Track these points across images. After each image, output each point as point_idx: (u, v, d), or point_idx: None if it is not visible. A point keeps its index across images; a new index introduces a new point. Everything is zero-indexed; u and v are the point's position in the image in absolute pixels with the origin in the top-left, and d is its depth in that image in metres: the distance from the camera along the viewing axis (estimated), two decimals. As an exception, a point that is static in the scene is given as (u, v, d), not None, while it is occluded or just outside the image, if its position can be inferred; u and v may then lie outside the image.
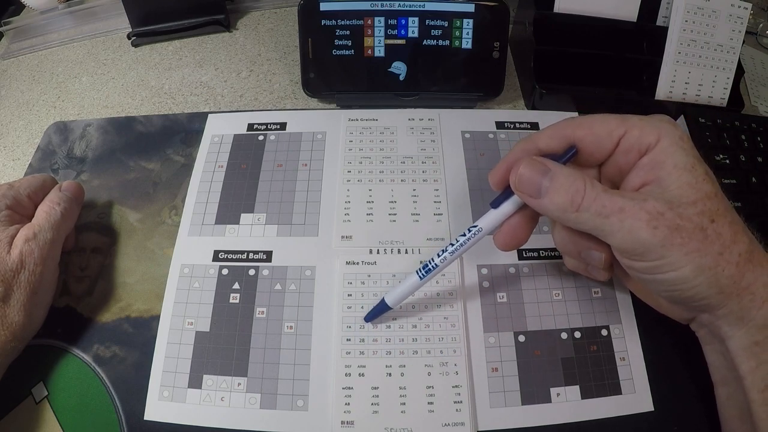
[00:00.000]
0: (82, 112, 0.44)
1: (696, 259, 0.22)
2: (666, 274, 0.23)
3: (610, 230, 0.23)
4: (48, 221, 0.30)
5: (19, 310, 0.28)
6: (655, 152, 0.23)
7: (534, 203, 0.25)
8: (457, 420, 0.28)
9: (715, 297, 0.23)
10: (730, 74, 0.40)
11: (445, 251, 0.27)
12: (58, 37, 0.50)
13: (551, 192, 0.23)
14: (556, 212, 0.24)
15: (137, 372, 0.30)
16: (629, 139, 0.24)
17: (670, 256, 0.22)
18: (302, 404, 0.29)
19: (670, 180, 0.23)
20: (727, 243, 0.22)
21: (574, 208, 0.23)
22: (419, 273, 0.28)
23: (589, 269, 0.28)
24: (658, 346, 0.30)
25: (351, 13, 0.39)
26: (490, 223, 0.27)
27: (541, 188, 0.24)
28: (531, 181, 0.24)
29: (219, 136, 0.39)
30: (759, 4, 0.52)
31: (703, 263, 0.22)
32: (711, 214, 0.22)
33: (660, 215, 0.22)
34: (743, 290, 0.23)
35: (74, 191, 0.34)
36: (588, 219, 0.23)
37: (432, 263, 0.28)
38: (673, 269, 0.22)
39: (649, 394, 0.29)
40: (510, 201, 0.26)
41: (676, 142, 0.23)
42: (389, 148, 0.38)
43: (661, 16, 0.40)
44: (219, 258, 0.33)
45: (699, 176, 0.23)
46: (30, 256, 0.29)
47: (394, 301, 0.29)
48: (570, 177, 0.23)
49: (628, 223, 0.22)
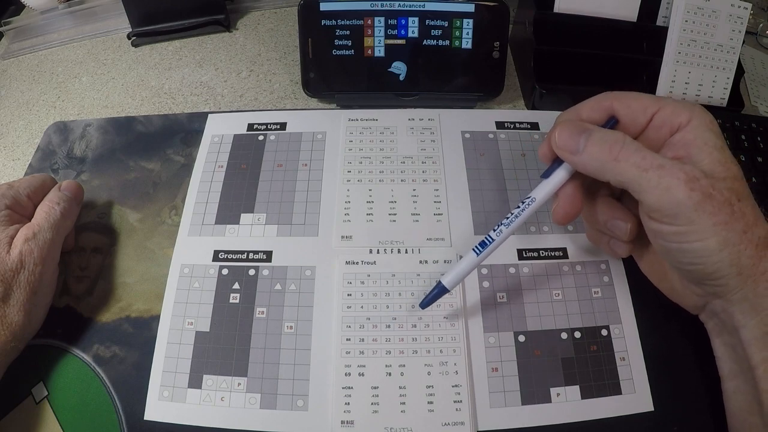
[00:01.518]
0: (82, 112, 0.44)
1: (722, 232, 0.22)
2: (692, 244, 0.23)
3: (647, 186, 0.23)
4: (47, 221, 0.30)
5: (19, 310, 0.28)
6: (687, 131, 0.24)
7: (575, 159, 0.25)
8: (456, 420, 0.28)
9: (734, 278, 0.23)
10: (730, 74, 0.40)
11: (500, 225, 0.27)
12: (58, 37, 0.50)
13: (590, 145, 0.24)
14: (596, 164, 0.24)
15: (137, 372, 0.30)
16: (662, 116, 0.25)
17: (699, 223, 0.22)
18: (302, 404, 0.29)
19: (702, 156, 0.23)
20: (750, 224, 0.23)
21: (612, 157, 0.23)
22: (476, 250, 0.27)
23: (611, 243, 0.29)
24: (658, 346, 0.30)
25: (351, 13, 0.39)
26: (543, 192, 0.27)
27: (580, 143, 0.25)
28: (570, 138, 0.25)
29: (219, 136, 0.39)
30: (759, 4, 0.52)
31: (728, 238, 0.22)
32: (737, 194, 0.23)
33: (696, 180, 0.22)
34: (760, 276, 0.23)
35: (73, 191, 0.34)
36: (627, 170, 0.23)
37: (489, 238, 0.27)
38: (699, 239, 0.23)
39: (649, 394, 0.29)
40: (560, 169, 0.27)
41: (707, 124, 0.24)
42: (389, 148, 0.38)
43: (661, 16, 0.40)
44: (219, 258, 0.33)
45: (728, 157, 0.24)
46: (29, 256, 0.29)
47: (451, 282, 0.28)
48: (608, 132, 0.25)
49: (666, 180, 0.22)
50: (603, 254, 0.33)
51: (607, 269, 0.33)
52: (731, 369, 0.26)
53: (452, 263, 0.28)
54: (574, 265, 0.33)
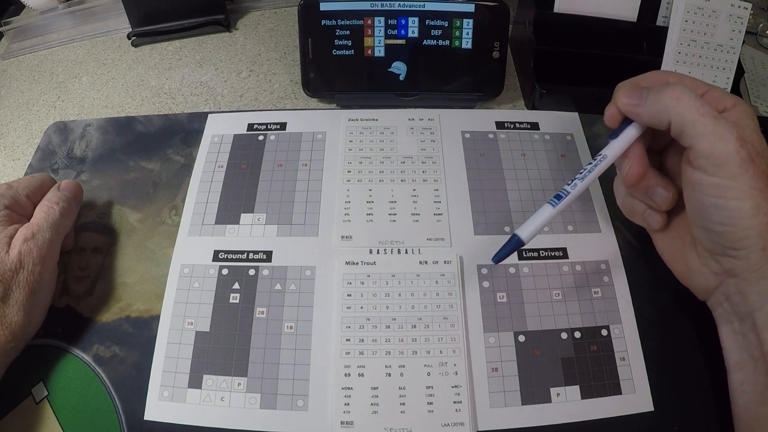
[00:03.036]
0: (82, 112, 0.44)
1: (758, 198, 0.23)
2: (729, 201, 0.24)
3: (703, 130, 0.24)
4: (47, 221, 0.30)
5: (18, 310, 0.28)
6: (732, 112, 0.25)
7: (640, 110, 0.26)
8: (456, 420, 0.28)
9: (757, 252, 0.23)
10: (730, 74, 0.40)
11: (574, 180, 0.28)
12: (58, 37, 0.50)
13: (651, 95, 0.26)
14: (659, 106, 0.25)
15: (137, 372, 0.30)
16: (711, 96, 0.26)
17: (740, 180, 0.23)
18: (302, 404, 0.29)
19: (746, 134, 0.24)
20: None
21: (675, 97, 0.25)
22: (551, 202, 0.28)
23: (645, 214, 0.29)
24: (658, 346, 0.30)
25: (351, 13, 0.39)
26: (614, 150, 0.28)
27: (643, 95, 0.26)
28: (633, 93, 0.27)
29: (219, 136, 0.39)
30: (759, 4, 0.52)
31: (761, 206, 0.23)
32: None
33: (745, 141, 0.24)
34: None
35: (73, 190, 0.34)
36: (687, 109, 0.24)
37: (564, 191, 0.28)
38: (736, 197, 0.23)
39: (649, 394, 0.29)
40: (629, 128, 0.28)
41: (749, 113, 0.25)
42: (389, 148, 0.38)
43: (661, 16, 0.40)
44: (219, 258, 0.33)
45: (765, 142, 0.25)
46: (29, 255, 0.29)
47: (528, 235, 0.27)
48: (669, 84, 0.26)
49: (720, 129, 0.23)
50: (603, 254, 0.33)
51: (607, 269, 0.33)
52: (739, 359, 0.25)
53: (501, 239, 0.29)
54: (574, 265, 0.33)
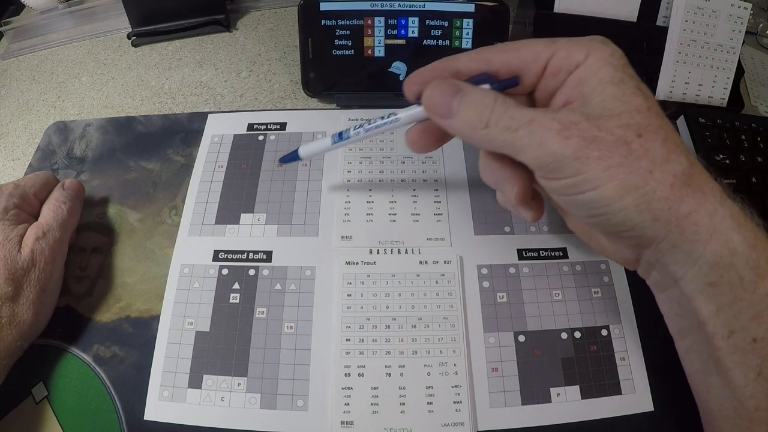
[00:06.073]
0: (82, 112, 0.44)
1: (619, 175, 0.20)
2: (585, 194, 0.21)
3: (521, 145, 0.21)
4: (56, 220, 0.31)
5: (28, 309, 0.28)
6: (581, 69, 0.22)
7: (446, 123, 0.23)
8: (456, 420, 0.28)
9: (650, 226, 0.20)
10: (730, 74, 0.40)
11: (362, 127, 0.28)
12: (58, 37, 0.50)
13: (461, 110, 0.22)
14: (467, 131, 0.22)
15: (137, 372, 0.30)
16: (556, 61, 0.22)
17: (587, 172, 0.20)
18: (302, 404, 0.29)
19: (594, 94, 0.21)
20: (658, 161, 0.20)
21: (482, 125, 0.22)
22: (333, 138, 0.30)
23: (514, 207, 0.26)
24: (658, 346, 0.30)
25: (351, 13, 0.39)
26: (408, 117, 0.26)
27: (452, 107, 0.23)
28: (441, 102, 0.23)
29: (219, 136, 0.39)
30: (759, 4, 0.52)
31: (627, 181, 0.20)
32: (638, 129, 0.20)
33: (573, 125, 0.20)
34: (683, 219, 0.20)
35: (76, 189, 0.34)
36: (497, 135, 0.21)
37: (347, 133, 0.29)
38: (592, 187, 0.20)
39: (649, 394, 0.29)
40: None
41: (605, 58, 0.21)
42: (389, 148, 0.38)
43: (661, 16, 0.40)
44: (219, 258, 0.33)
45: (627, 90, 0.21)
46: (41, 254, 0.29)
47: (304, 153, 0.32)
48: (479, 94, 0.22)
49: (537, 135, 0.20)
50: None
51: (607, 269, 0.33)
52: (681, 327, 0.23)
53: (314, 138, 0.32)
54: (574, 265, 0.33)
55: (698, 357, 0.23)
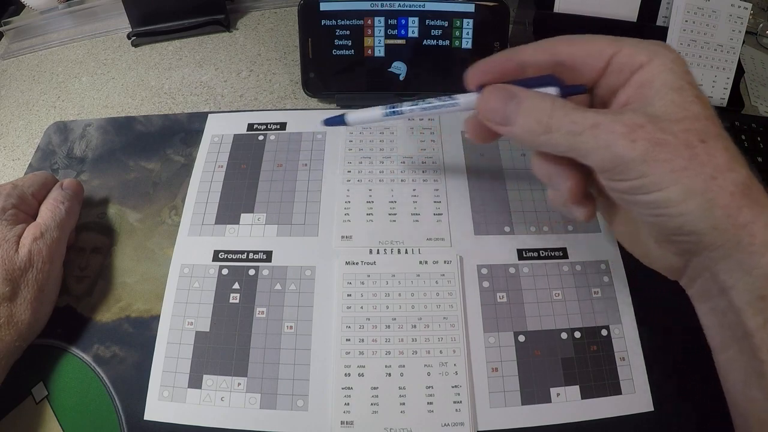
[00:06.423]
0: (82, 112, 0.44)
1: (684, 179, 0.20)
2: (650, 195, 0.20)
3: (585, 148, 0.21)
4: (54, 220, 0.31)
5: (26, 309, 0.28)
6: (644, 71, 0.22)
7: (504, 131, 0.23)
8: (456, 420, 0.28)
9: (709, 233, 0.20)
10: (730, 74, 0.40)
11: (418, 105, 0.27)
12: (58, 37, 0.50)
13: (519, 117, 0.22)
14: (528, 137, 0.22)
15: (137, 372, 0.30)
16: (620, 58, 0.23)
17: (653, 174, 0.20)
18: (302, 404, 0.29)
19: (656, 98, 0.21)
20: (721, 167, 0.20)
21: (543, 130, 0.22)
22: (386, 110, 0.29)
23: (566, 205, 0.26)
24: (658, 346, 0.30)
25: (351, 13, 0.39)
26: (468, 103, 0.26)
27: (508, 115, 0.23)
28: (497, 109, 0.23)
29: (219, 136, 0.39)
30: (759, 4, 0.52)
31: (692, 185, 0.20)
32: (700, 135, 0.20)
33: (639, 127, 0.20)
34: (741, 229, 0.20)
35: (75, 189, 0.34)
36: (561, 139, 0.21)
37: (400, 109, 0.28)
38: (658, 188, 0.20)
39: (649, 394, 0.29)
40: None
41: (667, 63, 0.22)
42: (389, 148, 0.38)
43: (661, 16, 0.40)
44: (219, 258, 0.33)
45: (687, 97, 0.21)
46: (39, 254, 0.29)
47: (353, 120, 0.30)
48: (536, 99, 0.22)
49: (603, 138, 0.20)
50: (603, 254, 0.33)
51: (607, 269, 0.33)
52: (723, 339, 0.23)
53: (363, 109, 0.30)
54: (574, 265, 0.33)
55: (741, 370, 0.22)
